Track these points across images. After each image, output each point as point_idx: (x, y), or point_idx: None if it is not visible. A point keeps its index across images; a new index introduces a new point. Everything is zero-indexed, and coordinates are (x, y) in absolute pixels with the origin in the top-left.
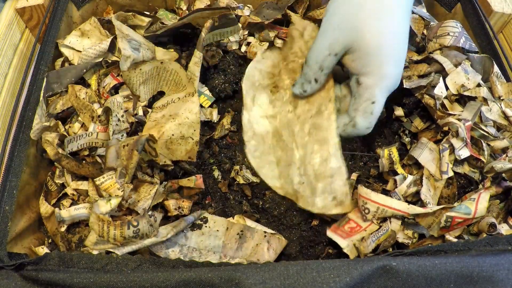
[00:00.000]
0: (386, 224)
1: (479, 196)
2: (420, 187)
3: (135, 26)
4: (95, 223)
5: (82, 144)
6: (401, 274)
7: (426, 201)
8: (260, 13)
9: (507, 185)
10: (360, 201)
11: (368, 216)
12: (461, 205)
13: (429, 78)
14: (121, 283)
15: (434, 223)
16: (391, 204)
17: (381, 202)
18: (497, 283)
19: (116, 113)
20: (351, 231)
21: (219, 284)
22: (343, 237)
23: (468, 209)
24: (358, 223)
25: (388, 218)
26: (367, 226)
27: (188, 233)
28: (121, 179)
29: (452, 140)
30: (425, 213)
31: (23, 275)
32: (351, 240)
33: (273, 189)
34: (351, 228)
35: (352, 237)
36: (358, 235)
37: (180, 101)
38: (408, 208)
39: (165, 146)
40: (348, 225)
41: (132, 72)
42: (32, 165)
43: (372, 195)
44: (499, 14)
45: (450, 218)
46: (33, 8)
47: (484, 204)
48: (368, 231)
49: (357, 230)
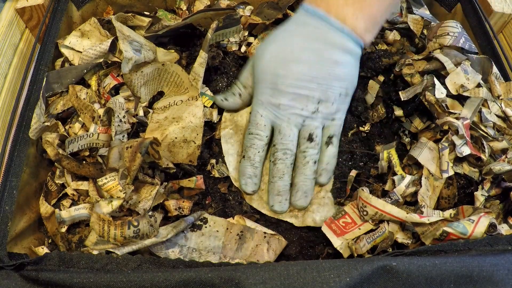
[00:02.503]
0: (383, 225)
1: (478, 220)
2: (419, 188)
3: (135, 26)
4: (95, 223)
5: (83, 145)
6: (401, 274)
7: (422, 204)
8: (260, 13)
9: (507, 185)
10: (359, 203)
11: (366, 217)
12: (459, 223)
13: (422, 83)
14: (121, 283)
15: (428, 231)
16: (390, 211)
17: (380, 208)
18: (497, 283)
19: (118, 113)
20: (345, 227)
21: (219, 284)
22: (337, 234)
23: (466, 229)
24: (353, 219)
25: (385, 220)
26: (361, 224)
27: (188, 234)
28: (122, 180)
29: (453, 137)
30: (423, 223)
31: (23, 275)
32: (345, 238)
33: (230, 177)
34: (346, 224)
35: (346, 235)
36: (352, 233)
37: (183, 104)
38: (406, 216)
39: (167, 149)
40: (343, 219)
41: (134, 74)
42: (32, 165)
43: (373, 200)
44: (499, 14)
45: (446, 233)
46: (33, 8)
47: (482, 229)
48: (362, 230)
49: (352, 227)
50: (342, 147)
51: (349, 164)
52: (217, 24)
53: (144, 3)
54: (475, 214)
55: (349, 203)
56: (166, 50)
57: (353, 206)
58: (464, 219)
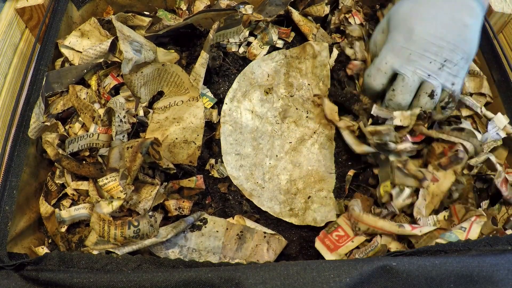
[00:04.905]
0: (376, 239)
1: (470, 227)
2: (415, 199)
3: (135, 26)
4: (96, 223)
5: (83, 145)
6: (401, 274)
7: (418, 217)
8: (262, 11)
9: (490, 176)
10: (351, 220)
11: (359, 232)
12: (451, 233)
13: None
14: (121, 283)
15: (422, 240)
16: (382, 226)
17: (372, 224)
18: (497, 283)
19: (118, 113)
20: (338, 240)
21: (219, 284)
22: (331, 250)
23: (458, 239)
24: (346, 232)
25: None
26: (354, 237)
27: (188, 234)
28: (123, 180)
29: None
30: (415, 235)
31: (23, 275)
32: (339, 254)
33: (229, 177)
34: (339, 237)
35: (339, 249)
36: (345, 247)
37: (184, 105)
38: (398, 230)
39: (168, 149)
40: (336, 232)
41: (134, 75)
42: (32, 165)
43: (364, 218)
44: (499, 14)
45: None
46: (33, 8)
47: (474, 236)
48: (355, 242)
49: (345, 240)
50: (343, 147)
51: (349, 164)
52: (218, 24)
53: (144, 3)
54: (467, 219)
55: (342, 215)
56: (166, 50)
57: (346, 218)
58: (456, 227)
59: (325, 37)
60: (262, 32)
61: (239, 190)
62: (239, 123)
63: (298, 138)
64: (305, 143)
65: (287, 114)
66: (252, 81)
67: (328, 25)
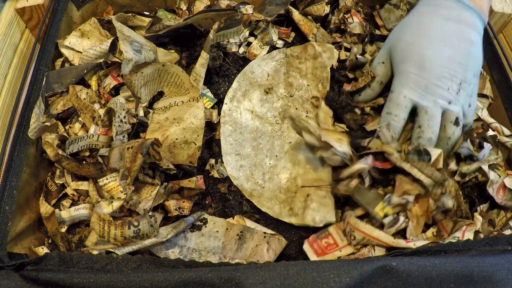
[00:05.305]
0: (364, 250)
1: (463, 235)
2: (408, 224)
3: (135, 26)
4: (96, 223)
5: (83, 146)
6: (401, 274)
7: (411, 238)
8: (262, 11)
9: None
10: (347, 227)
11: (353, 242)
12: (445, 244)
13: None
14: (121, 283)
15: None
16: (378, 236)
17: (368, 233)
18: (497, 283)
19: (118, 114)
20: (327, 247)
21: (219, 284)
22: (318, 254)
23: None
24: (336, 240)
25: (372, 246)
26: (343, 247)
27: (188, 234)
28: (123, 180)
29: None
30: (409, 248)
31: (23, 275)
32: (323, 259)
33: (230, 177)
34: (327, 244)
35: (326, 255)
36: (332, 255)
37: (184, 105)
38: (393, 241)
39: (168, 150)
40: (326, 239)
41: (134, 76)
42: (32, 165)
43: (360, 225)
44: (499, 14)
45: None
46: (33, 8)
47: None
48: (343, 252)
49: (333, 248)
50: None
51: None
52: (218, 24)
53: (144, 3)
54: (458, 229)
55: (335, 224)
56: (166, 50)
57: (338, 228)
58: (450, 238)
59: (325, 37)
60: (262, 32)
61: (239, 190)
62: (239, 123)
63: (298, 138)
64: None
65: (287, 114)
66: (252, 81)
67: (328, 24)
